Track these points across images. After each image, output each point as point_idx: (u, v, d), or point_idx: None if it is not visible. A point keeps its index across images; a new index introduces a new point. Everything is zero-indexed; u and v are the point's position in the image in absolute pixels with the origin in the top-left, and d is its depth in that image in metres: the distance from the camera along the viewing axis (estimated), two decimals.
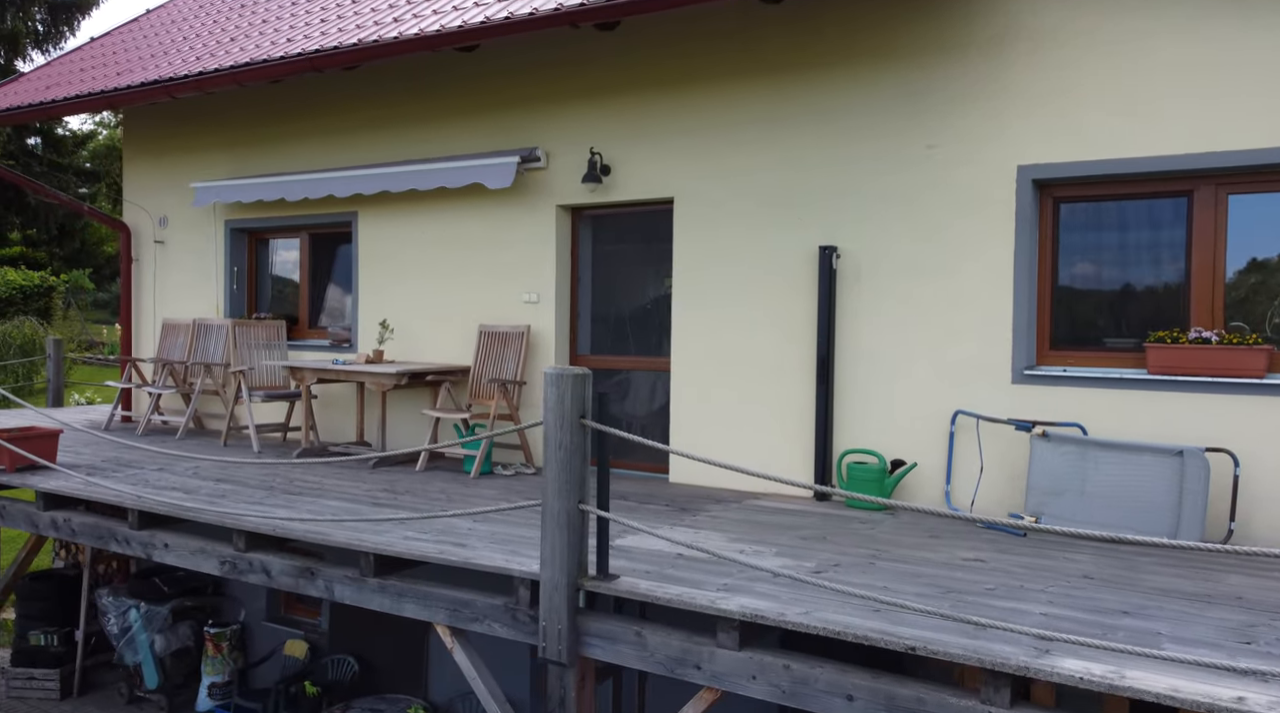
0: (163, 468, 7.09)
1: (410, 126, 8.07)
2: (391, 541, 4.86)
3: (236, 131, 9.23)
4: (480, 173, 7.28)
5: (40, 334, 21.59)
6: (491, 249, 7.66)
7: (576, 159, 7.18)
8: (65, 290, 28.13)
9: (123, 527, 5.94)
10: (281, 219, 9.03)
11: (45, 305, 26.45)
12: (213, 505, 5.71)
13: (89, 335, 26.08)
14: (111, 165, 38.21)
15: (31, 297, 26.25)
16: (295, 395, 8.25)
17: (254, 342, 8.49)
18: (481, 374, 7.49)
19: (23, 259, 32.08)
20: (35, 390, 20.64)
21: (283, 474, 6.86)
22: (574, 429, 4.03)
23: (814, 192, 6.20)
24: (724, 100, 6.53)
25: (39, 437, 6.93)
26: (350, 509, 5.69)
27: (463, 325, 7.83)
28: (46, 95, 8.69)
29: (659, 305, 7.14)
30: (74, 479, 6.51)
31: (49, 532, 6.32)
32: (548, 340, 7.38)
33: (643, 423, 7.23)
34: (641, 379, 7.26)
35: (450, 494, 6.22)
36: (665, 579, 4.16)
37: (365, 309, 8.44)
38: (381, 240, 8.32)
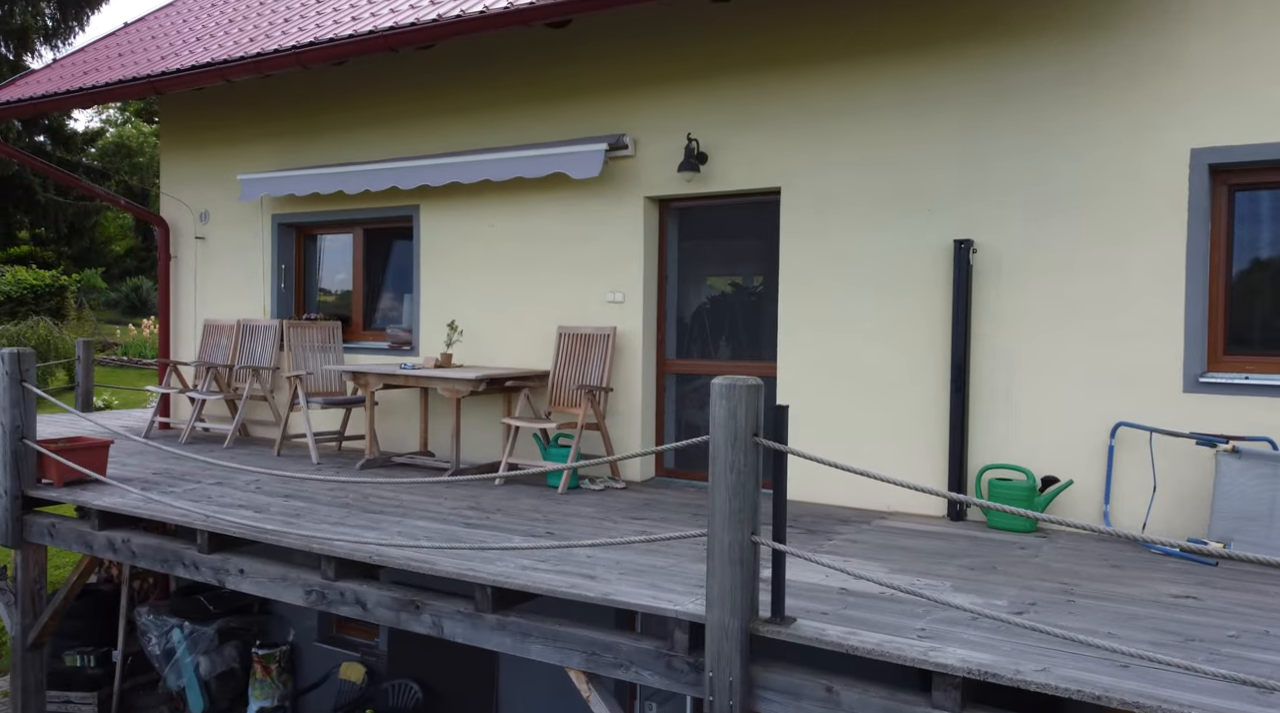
0: (221, 481, 6.53)
1: (479, 113, 7.51)
2: (509, 571, 4.30)
3: (284, 120, 8.67)
4: (564, 162, 6.71)
5: (55, 335, 21.05)
6: (571, 245, 7.10)
7: (667, 147, 6.62)
8: (77, 290, 27.58)
9: (190, 550, 5.38)
10: (333, 213, 8.47)
11: (57, 305, 25.91)
12: (291, 527, 5.15)
13: (102, 336, 25.51)
14: (120, 163, 37.76)
15: (43, 296, 25.72)
16: (355, 402, 7.69)
17: (308, 344, 7.93)
18: (562, 380, 6.93)
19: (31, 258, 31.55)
20: (51, 394, 20.11)
21: (354, 489, 6.30)
22: (747, 448, 3.47)
23: (948, 181, 5.63)
24: (843, 83, 5.96)
25: (88, 448, 6.38)
26: (443, 531, 5.13)
27: (538, 327, 7.27)
28: (85, 81, 8.13)
29: (758, 305, 6.58)
30: (130, 495, 5.95)
31: (105, 553, 5.76)
32: (633, 343, 6.82)
33: None
34: None
35: (544, 513, 5.66)
36: (847, 622, 3.61)
37: (427, 309, 7.88)
38: (446, 235, 7.76)
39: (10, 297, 24.87)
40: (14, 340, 20.16)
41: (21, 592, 6.22)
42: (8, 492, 6.09)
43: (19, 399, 6.10)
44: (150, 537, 5.62)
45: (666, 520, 5.47)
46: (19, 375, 6.11)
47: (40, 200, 31.34)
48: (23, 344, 20.24)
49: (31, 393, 6.16)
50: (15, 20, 30.71)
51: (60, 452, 6.18)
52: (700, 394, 6.88)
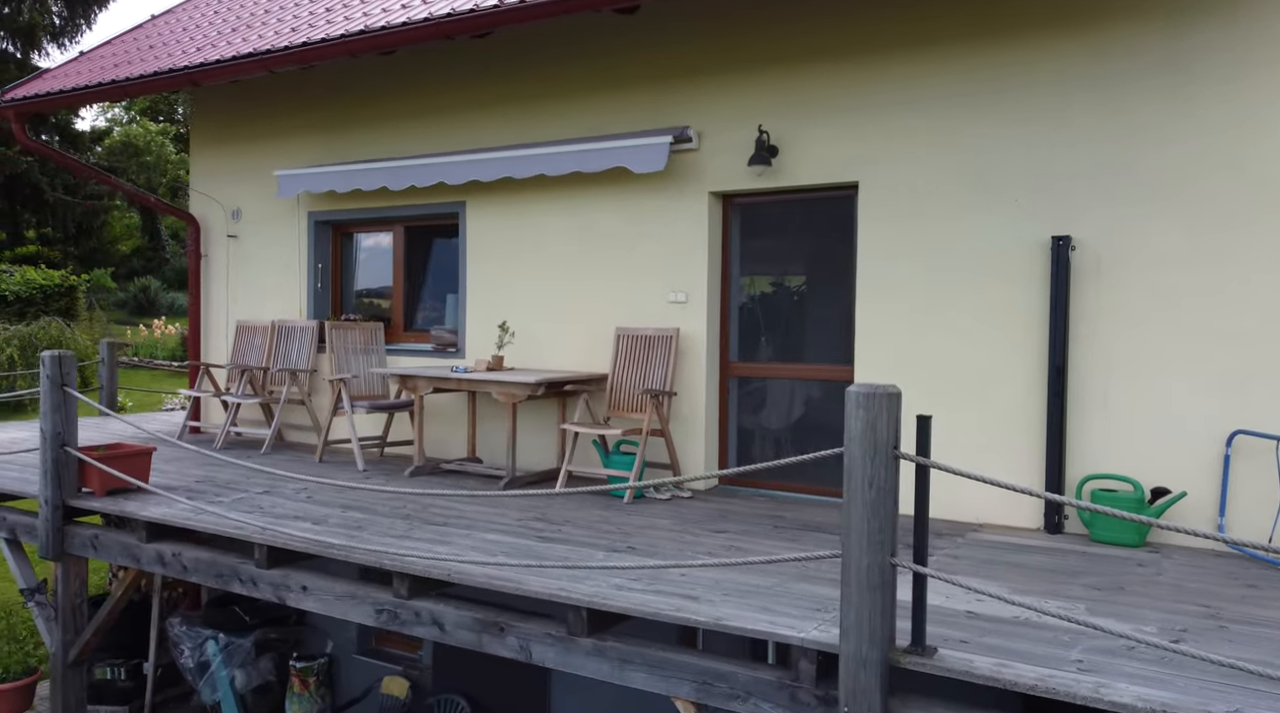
0: (268, 490, 6.24)
1: (530, 105, 7.21)
2: (602, 591, 4.01)
3: (321, 114, 8.38)
4: (625, 155, 6.42)
5: (67, 335, 20.76)
6: (629, 242, 6.81)
7: (733, 139, 6.33)
8: (86, 290, 27.29)
9: (248, 565, 5.09)
10: (373, 210, 8.18)
11: (67, 305, 25.62)
12: (354, 540, 4.86)
13: (112, 336, 25.20)
14: (127, 162, 37.48)
15: (52, 297, 25.43)
16: (400, 407, 7.40)
17: (351, 346, 7.64)
18: (622, 383, 6.64)
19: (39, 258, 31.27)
20: None
21: (410, 499, 6.01)
22: (888, 463, 3.18)
23: (1044, 173, 5.34)
24: (927, 70, 5.67)
25: (130, 455, 6.09)
26: (518, 546, 4.84)
27: (593, 328, 6.98)
28: (118, 73, 7.84)
29: (830, 305, 6.29)
30: (178, 505, 5.66)
31: (153, 568, 5.47)
32: (695, 345, 6.53)
33: (808, 439, 6.37)
34: (807, 390, 6.40)
35: (617, 525, 5.37)
36: (992, 652, 3.31)
37: (474, 310, 7.59)
38: (494, 233, 7.46)
39: (19, 297, 24.60)
40: (26, 341, 19.88)
41: (62, 607, 5.93)
42: (49, 502, 5.80)
43: (60, 404, 5.81)
44: (203, 550, 5.33)
45: (749, 533, 5.18)
46: (60, 379, 5.82)
47: (48, 199, 31.08)
48: (35, 345, 19.95)
49: (73, 398, 5.88)
50: (23, 18, 30.42)
51: (101, 460, 5.89)
52: (758, 397, 6.58)
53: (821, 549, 4.78)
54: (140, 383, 21.25)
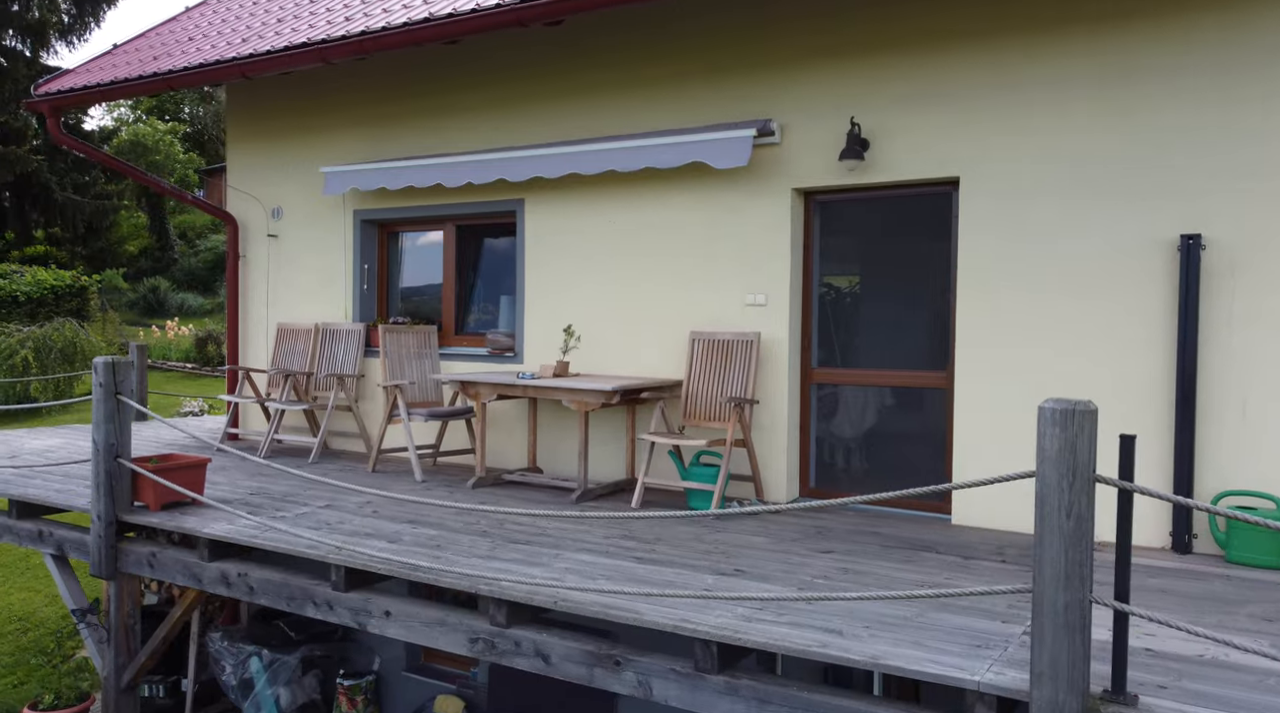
0: (330, 504, 5.90)
1: (594, 97, 6.87)
2: (732, 623, 3.67)
3: (367, 109, 8.03)
4: (705, 149, 6.08)
5: (81, 337, 20.42)
6: (703, 242, 6.46)
7: (819, 132, 5.99)
8: (98, 290, 26.97)
9: (322, 587, 4.75)
10: (423, 208, 7.84)
11: (78, 306, 25.30)
12: (436, 561, 4.52)
13: (124, 337, 24.88)
14: (136, 161, 37.15)
15: (63, 297, 25.12)
16: (457, 414, 7.06)
17: (405, 350, 7.30)
18: (698, 391, 6.30)
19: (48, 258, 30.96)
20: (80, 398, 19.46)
21: (480, 514, 5.67)
22: (1088, 490, 2.83)
23: (1170, 166, 4.99)
24: (1038, 56, 5.32)
25: (185, 467, 5.76)
26: (615, 568, 4.50)
27: (663, 332, 6.64)
28: (159, 66, 7.51)
29: (923, 309, 5.94)
30: (241, 521, 5.32)
31: (216, 588, 5.13)
32: (775, 350, 6.19)
33: (896, 449, 6.03)
34: (895, 398, 6.06)
35: (712, 543, 5.02)
36: (1200, 700, 2.97)
37: (533, 312, 7.25)
38: (555, 231, 7.12)
39: (31, 297, 24.28)
40: (40, 343, 19.57)
41: (115, 628, 5.59)
42: (101, 517, 5.46)
43: (114, 414, 5.47)
44: (271, 570, 4.99)
45: (855, 553, 4.84)
46: (114, 387, 5.48)
47: (58, 199, 30.75)
48: (49, 347, 19.64)
49: (128, 407, 5.54)
50: (32, 14, 30.06)
51: (156, 472, 5.55)
52: (841, 404, 6.23)
53: (941, 571, 4.44)
54: (154, 385, 20.91)
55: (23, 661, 9.62)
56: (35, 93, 8.06)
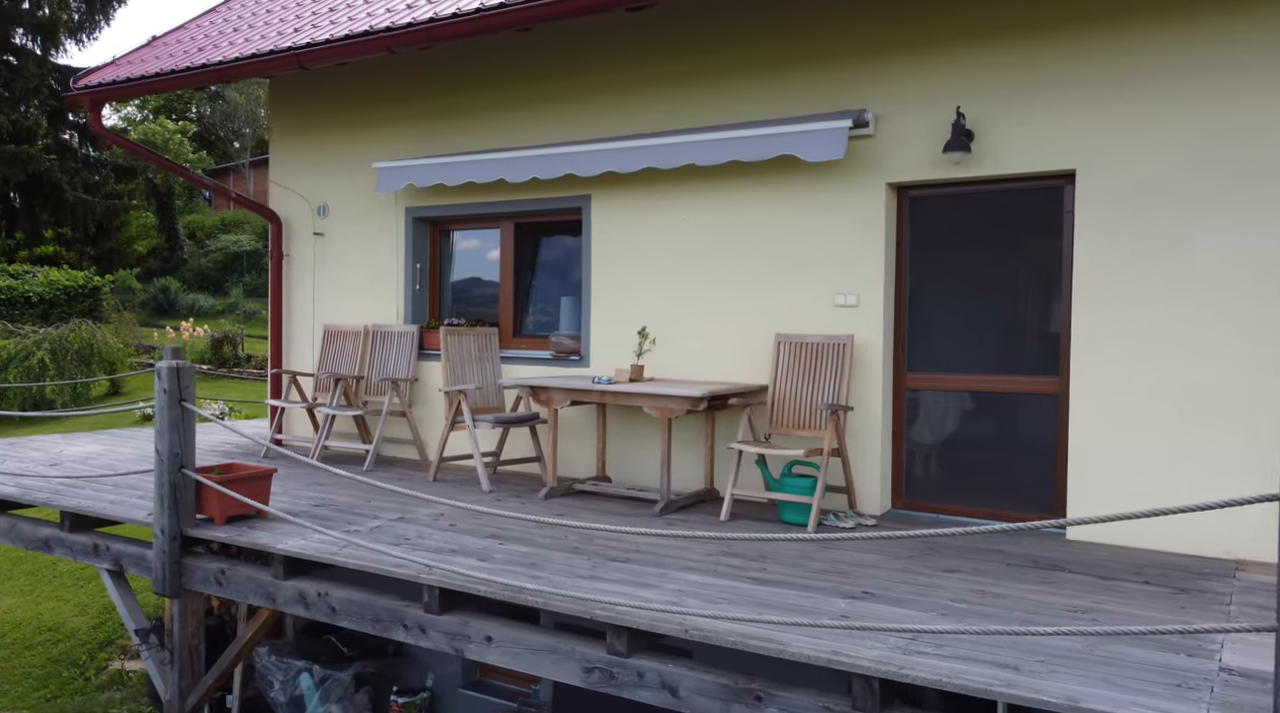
0: (402, 516, 5.58)
1: (672, 87, 6.55)
2: (892, 656, 3.35)
3: (421, 102, 7.71)
4: (795, 142, 5.75)
5: (98, 338, 20.10)
6: (789, 239, 6.14)
7: (916, 123, 5.67)
8: (110, 291, 26.66)
9: (413, 609, 4.43)
10: (479, 205, 7.52)
11: (90, 307, 25.02)
12: (534, 580, 4.20)
13: (138, 339, 24.56)
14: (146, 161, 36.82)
15: (76, 298, 24.84)
16: (526, 420, 6.73)
17: (466, 354, 6.98)
18: (785, 396, 5.97)
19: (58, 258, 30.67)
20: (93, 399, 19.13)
21: (562, 529, 5.35)
22: None
23: None
24: (1165, 41, 5.00)
25: (250, 478, 5.44)
26: (732, 589, 4.18)
27: (743, 334, 6.32)
28: (209, 57, 7.19)
29: (1030, 310, 5.62)
30: (315, 536, 5.00)
31: (292, 608, 4.81)
32: (868, 354, 5.88)
33: (1000, 458, 5.71)
34: (996, 404, 5.73)
35: (824, 560, 4.70)
36: None
37: (600, 314, 6.93)
38: (624, 229, 6.80)
39: (43, 298, 23.98)
40: (57, 345, 19.26)
41: (179, 649, 5.26)
42: (165, 531, 5.14)
43: (178, 421, 5.15)
44: (354, 590, 4.66)
45: (983, 572, 4.52)
46: (178, 393, 5.16)
47: (68, 199, 30.47)
48: (66, 348, 19.33)
49: (192, 414, 5.22)
50: (43, 12, 29.76)
51: (223, 483, 5.23)
52: (936, 411, 5.91)
53: (1087, 593, 4.12)
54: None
55: (54, 673, 9.31)
56: (75, 85, 7.74)
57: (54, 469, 7.06)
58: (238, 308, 31.56)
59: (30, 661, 9.51)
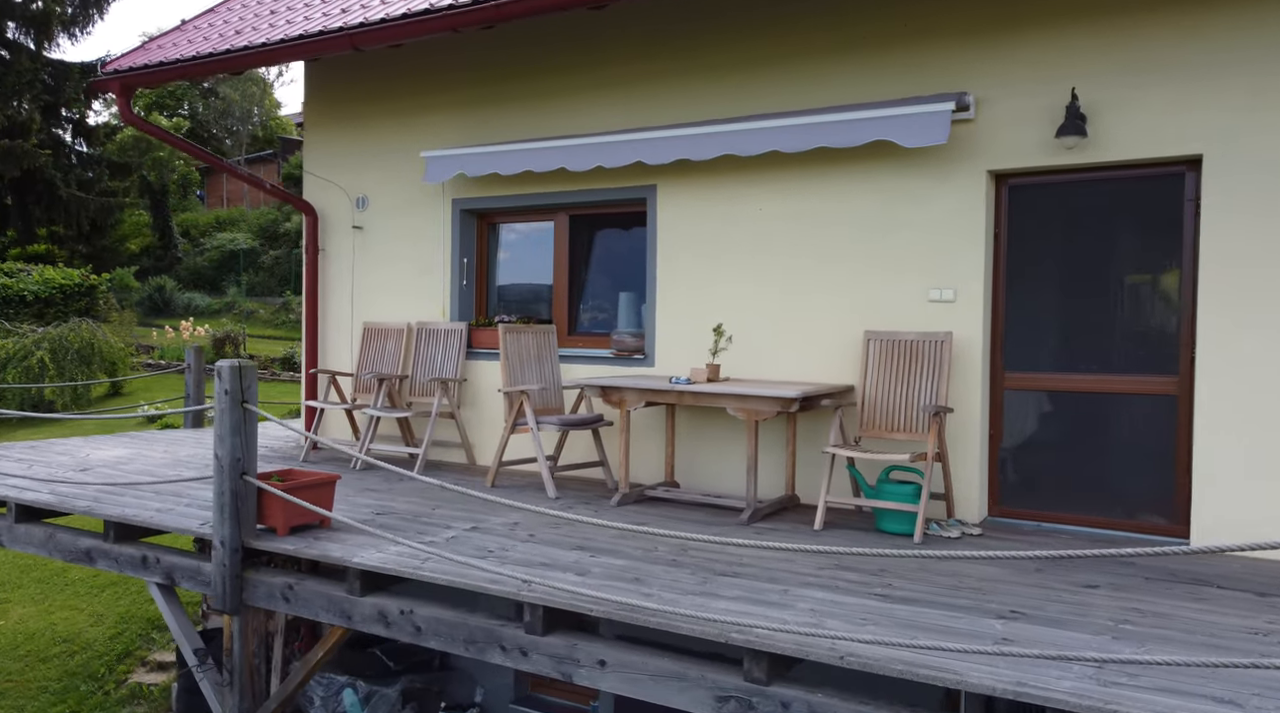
0: (476, 526, 5.21)
1: (748, 70, 6.21)
2: (1091, 688, 3.00)
3: (470, 88, 7.34)
4: (893, 126, 5.41)
5: (99, 337, 19.60)
6: (878, 231, 5.80)
7: (1020, 106, 5.34)
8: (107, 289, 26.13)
9: (511, 629, 4.05)
10: (532, 197, 7.15)
11: (86, 305, 24.48)
12: (651, 600, 3.84)
13: (136, 338, 24.04)
14: (141, 158, 36.28)
15: (72, 297, 24.31)
16: (590, 423, 6.36)
17: (525, 352, 6.60)
18: (876, 397, 5.63)
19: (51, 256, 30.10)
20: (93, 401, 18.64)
21: (658, 539, 4.99)
22: None
23: None
24: None
25: (314, 485, 5.05)
26: (865, 607, 3.83)
27: (825, 331, 5.97)
28: (249, 39, 6.79)
29: (1143, 306, 5.28)
30: (392, 548, 4.62)
31: (371, 627, 4.42)
32: (966, 352, 5.54)
33: (1114, 464, 5.37)
34: (1101, 405, 5.39)
35: (950, 575, 4.36)
36: None
37: (666, 310, 6.57)
38: (694, 221, 6.44)
39: (39, 297, 23.45)
40: (56, 344, 18.77)
41: (239, 669, 4.87)
42: (226, 543, 4.75)
43: (240, 425, 4.76)
44: (442, 608, 4.28)
45: (1125, 588, 4.18)
46: (240, 395, 4.77)
47: (62, 196, 29.90)
48: (66, 348, 18.84)
49: (254, 416, 4.83)
50: (37, 5, 29.17)
51: (288, 491, 4.84)
52: (1037, 413, 5.57)
53: (1257, 612, 3.78)
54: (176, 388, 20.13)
55: (72, 687, 8.90)
56: (103, 70, 7.33)
57: (86, 474, 6.65)
58: (235, 307, 31.06)
59: (46, 674, 9.10)
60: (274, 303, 31.35)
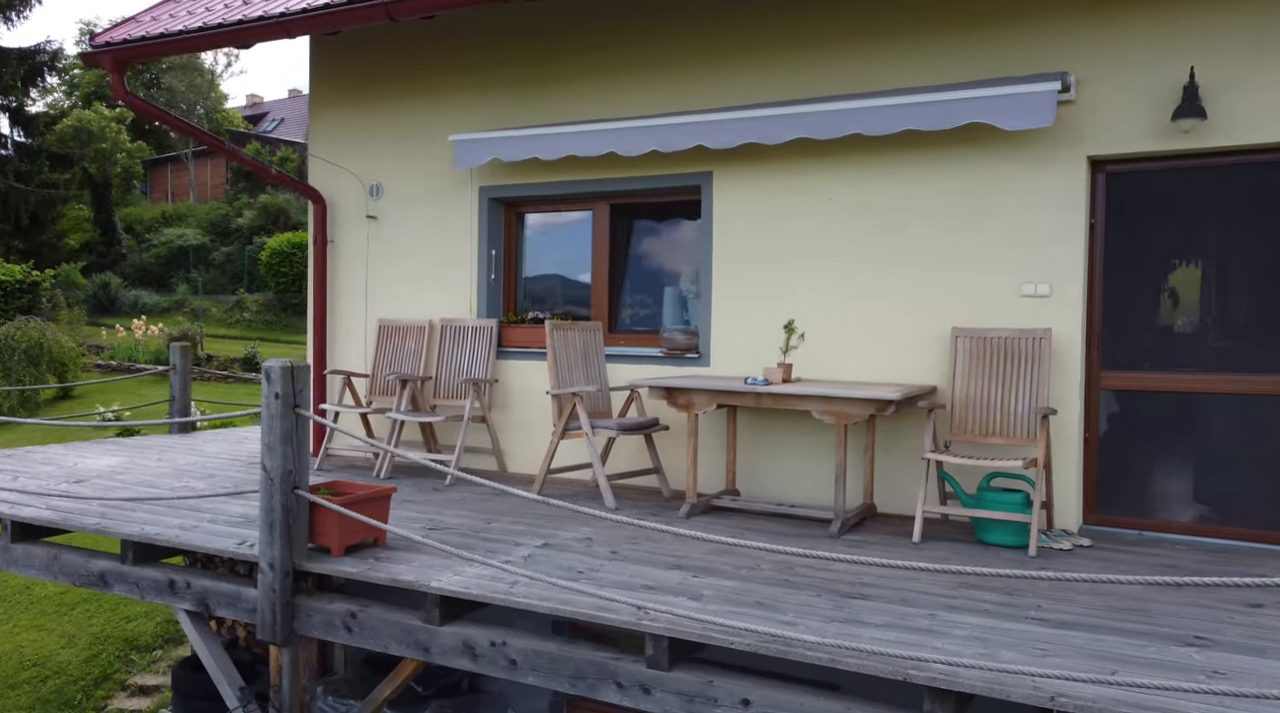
0: (547, 542, 4.71)
1: (806, 52, 5.80)
2: None
3: (500, 69, 6.82)
4: (990, 107, 5.02)
5: (48, 337, 18.55)
6: (963, 221, 5.43)
7: (1124, 88, 5.02)
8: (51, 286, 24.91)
9: (629, 663, 3.58)
10: (570, 184, 6.66)
11: (29, 303, 23.31)
12: (787, 628, 3.40)
13: (84, 337, 22.90)
14: (83, 149, 34.84)
15: (13, 294, 23.13)
16: (646, 426, 5.89)
17: (573, 352, 6.11)
18: (968, 398, 5.25)
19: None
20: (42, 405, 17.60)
21: (758, 555, 4.55)
22: None
23: None
24: None
25: (370, 499, 4.52)
26: (1030, 634, 3.44)
27: (904, 328, 5.59)
28: (269, 9, 6.20)
29: (1262, 299, 4.97)
30: (470, 570, 4.10)
31: (455, 661, 3.91)
32: (1065, 349, 5.19)
33: (1223, 468, 5.05)
34: (1213, 407, 5.07)
35: (1099, 594, 3.98)
36: None
37: (723, 306, 6.13)
38: (757, 209, 6.01)
39: None
40: (2, 343, 17.69)
41: (289, 706, 4.32)
42: (275, 566, 4.19)
43: (291, 432, 4.21)
44: (545, 641, 3.79)
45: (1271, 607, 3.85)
46: (292, 398, 4.22)
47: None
48: (12, 347, 17.79)
49: (307, 423, 4.28)
50: None
51: (346, 505, 4.30)
52: (1138, 414, 5.24)
53: None
54: (129, 390, 19.17)
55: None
56: (94, 43, 6.67)
57: (80, 486, 6.00)
58: (186, 305, 29.89)
59: (16, 702, 8.39)
60: (227, 301, 30.24)
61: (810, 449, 5.80)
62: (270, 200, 33.60)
